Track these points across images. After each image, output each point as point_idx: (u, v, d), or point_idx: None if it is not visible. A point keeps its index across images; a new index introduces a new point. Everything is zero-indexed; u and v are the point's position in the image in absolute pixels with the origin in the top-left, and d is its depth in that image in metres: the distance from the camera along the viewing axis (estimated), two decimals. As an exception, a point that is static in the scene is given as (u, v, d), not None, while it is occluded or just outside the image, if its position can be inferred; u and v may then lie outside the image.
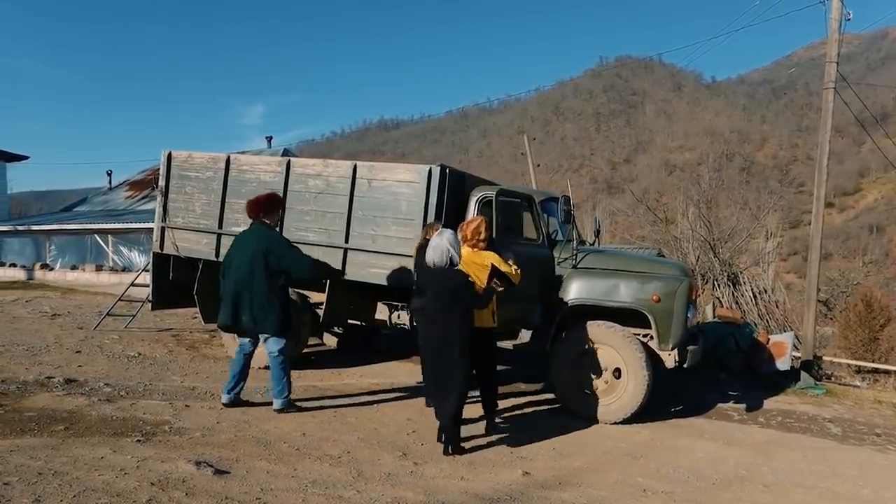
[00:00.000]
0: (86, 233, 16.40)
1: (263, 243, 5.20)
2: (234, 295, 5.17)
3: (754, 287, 10.84)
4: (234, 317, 5.20)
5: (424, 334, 4.79)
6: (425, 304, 4.75)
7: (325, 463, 4.20)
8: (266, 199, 5.51)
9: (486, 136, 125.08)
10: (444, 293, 4.64)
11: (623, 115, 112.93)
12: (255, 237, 5.28)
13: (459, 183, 6.63)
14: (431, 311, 4.69)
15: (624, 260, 6.34)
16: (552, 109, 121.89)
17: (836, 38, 9.38)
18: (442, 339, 4.62)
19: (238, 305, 5.17)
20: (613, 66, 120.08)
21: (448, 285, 4.66)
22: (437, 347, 4.65)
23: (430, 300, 4.70)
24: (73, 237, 16.33)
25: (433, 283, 4.72)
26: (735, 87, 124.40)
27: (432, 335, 4.69)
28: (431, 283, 4.73)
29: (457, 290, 4.66)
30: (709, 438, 5.67)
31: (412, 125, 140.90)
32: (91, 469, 3.53)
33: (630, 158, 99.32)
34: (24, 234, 17.29)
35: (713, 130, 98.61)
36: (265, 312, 5.17)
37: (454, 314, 4.60)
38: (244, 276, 5.14)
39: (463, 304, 4.66)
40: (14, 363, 6.22)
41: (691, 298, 5.84)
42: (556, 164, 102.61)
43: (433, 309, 4.68)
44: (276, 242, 5.30)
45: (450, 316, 4.60)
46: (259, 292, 5.14)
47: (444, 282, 4.66)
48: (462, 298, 4.66)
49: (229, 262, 5.34)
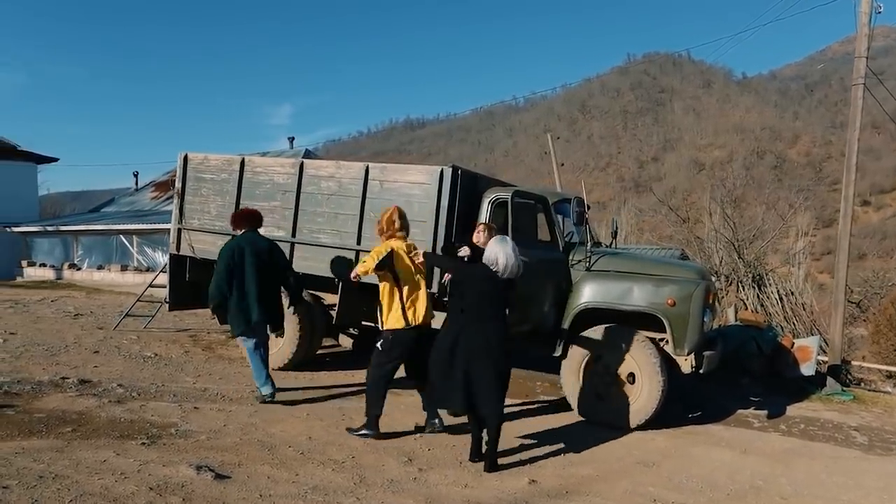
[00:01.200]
0: (111, 233, 16.68)
1: (271, 247, 5.89)
2: (259, 295, 5.58)
3: (780, 289, 10.54)
4: (267, 315, 5.69)
5: (462, 337, 4.47)
6: (467, 307, 4.52)
7: (328, 468, 4.16)
8: (255, 212, 6.15)
9: (511, 135, 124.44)
10: (493, 298, 4.47)
11: (651, 113, 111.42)
12: (263, 242, 5.85)
13: (472, 184, 6.56)
14: (476, 314, 4.48)
15: (639, 262, 6.21)
16: (578, 107, 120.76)
17: (866, 33, 9.09)
18: (485, 345, 4.41)
19: (263, 304, 5.60)
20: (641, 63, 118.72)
21: (498, 290, 4.47)
22: (477, 352, 4.41)
23: (475, 303, 4.49)
24: (99, 237, 16.63)
25: (480, 285, 4.49)
26: (767, 83, 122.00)
27: (473, 339, 4.43)
28: (478, 285, 4.50)
29: (505, 296, 4.53)
30: (726, 446, 5.51)
31: (438, 124, 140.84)
32: (92, 473, 3.54)
33: (658, 157, 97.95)
34: (53, 234, 17.64)
35: (744, 128, 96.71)
36: (276, 309, 5.84)
37: (500, 320, 4.49)
38: (265, 277, 5.65)
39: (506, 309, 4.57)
40: (32, 363, 6.32)
41: (708, 302, 5.68)
42: (582, 163, 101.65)
43: (478, 313, 4.47)
44: (277, 246, 6.01)
45: (497, 322, 4.47)
46: (274, 292, 5.80)
47: (495, 286, 4.45)
48: (509, 304, 4.59)
49: (243, 265, 5.60)
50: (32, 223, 17.37)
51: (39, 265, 17.26)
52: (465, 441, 5.01)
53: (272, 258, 5.80)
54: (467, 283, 4.58)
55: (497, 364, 4.44)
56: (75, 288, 14.10)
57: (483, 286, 4.49)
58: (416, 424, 5.25)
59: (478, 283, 4.51)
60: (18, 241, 17.87)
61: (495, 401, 4.47)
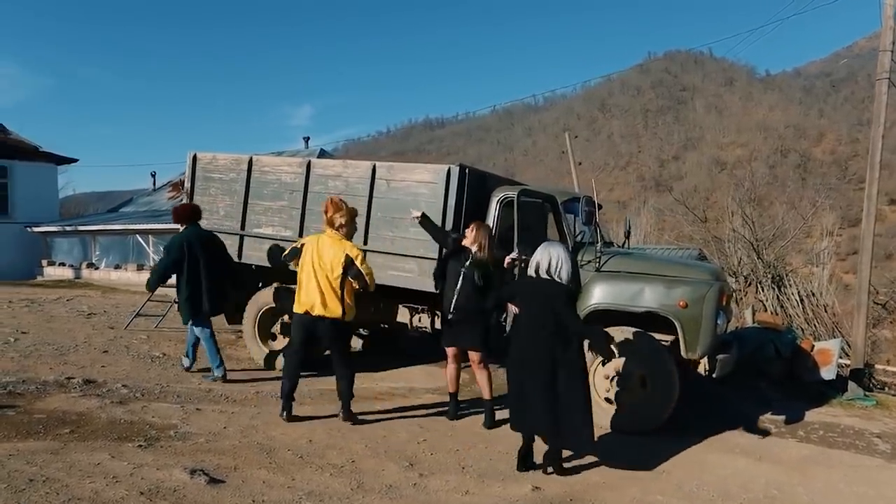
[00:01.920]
0: (128, 233, 16.85)
1: (213, 239, 6.46)
2: (211, 284, 6.17)
3: (801, 289, 10.27)
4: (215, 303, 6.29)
5: (518, 349, 4.36)
6: (520, 316, 4.41)
7: (326, 473, 4.08)
8: (196, 207, 6.68)
9: (531, 134, 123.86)
10: (542, 305, 4.27)
11: (672, 112, 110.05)
12: (206, 234, 6.43)
13: (480, 183, 6.46)
14: (527, 324, 4.33)
15: (650, 263, 6.04)
16: (598, 106, 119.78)
17: (891, 26, 8.79)
18: (539, 357, 4.24)
19: (210, 294, 6.19)
20: (662, 61, 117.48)
21: (547, 297, 4.27)
22: (531, 364, 4.27)
23: (526, 312, 4.37)
24: (116, 237, 16.80)
25: (529, 293, 4.36)
26: (791, 80, 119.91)
27: (527, 351, 4.29)
28: (527, 293, 4.38)
29: (556, 302, 4.25)
30: (740, 453, 5.33)
31: (457, 124, 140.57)
32: (84, 476, 3.49)
33: (679, 155, 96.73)
34: (71, 234, 17.85)
35: (767, 126, 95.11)
36: (223, 298, 6.42)
37: (553, 329, 4.23)
38: (214, 268, 6.23)
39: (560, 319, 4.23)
40: (40, 363, 6.33)
41: (722, 304, 5.50)
42: (602, 162, 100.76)
43: (529, 322, 4.31)
44: (217, 237, 6.58)
45: (549, 331, 4.23)
46: (219, 281, 6.34)
47: (543, 293, 4.29)
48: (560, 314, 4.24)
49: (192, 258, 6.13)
50: (52, 223, 17.60)
51: (59, 265, 17.48)
52: (467, 445, 4.92)
53: (216, 250, 6.37)
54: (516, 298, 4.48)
55: (549, 377, 4.21)
56: (92, 287, 14.22)
57: (527, 295, 4.39)
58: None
59: (525, 290, 4.43)
60: (39, 240, 18.13)
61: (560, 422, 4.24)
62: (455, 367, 5.58)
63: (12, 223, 18.00)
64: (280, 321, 7.18)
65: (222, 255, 6.48)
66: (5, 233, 17.70)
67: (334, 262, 4.96)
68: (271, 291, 7.20)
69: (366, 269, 5.00)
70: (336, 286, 5.01)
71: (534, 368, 4.25)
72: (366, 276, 4.97)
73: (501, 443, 5.08)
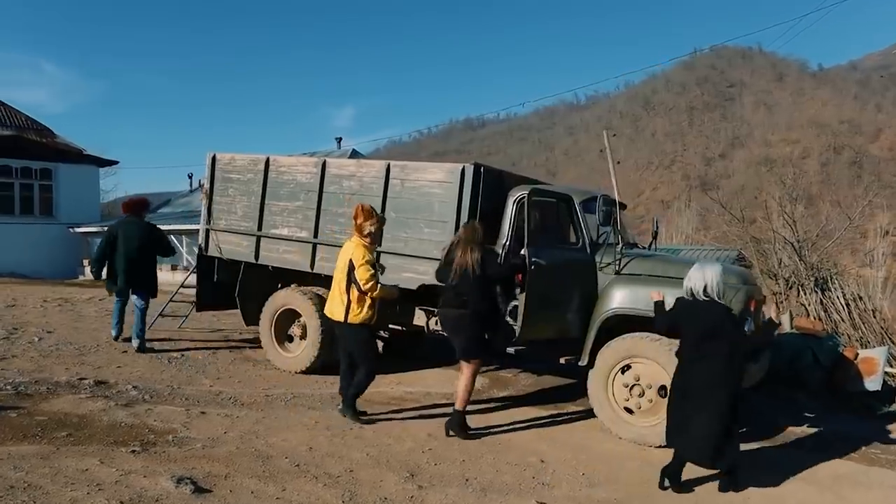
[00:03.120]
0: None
1: (144, 229, 7.50)
2: (125, 268, 7.27)
3: (847, 293, 9.70)
4: (129, 283, 7.33)
5: (681, 374, 4.34)
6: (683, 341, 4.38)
7: (320, 483, 3.93)
8: (138, 200, 8.03)
9: (572, 133, 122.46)
10: (705, 329, 4.22)
11: (718, 109, 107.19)
12: (141, 226, 7.52)
13: (497, 182, 6.24)
14: (691, 349, 4.29)
15: (673, 265, 5.72)
16: (642, 104, 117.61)
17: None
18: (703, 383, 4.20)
19: (126, 274, 7.27)
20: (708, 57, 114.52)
21: (710, 319, 4.22)
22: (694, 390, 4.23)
23: (688, 337, 4.32)
24: (151, 238, 17.13)
25: (692, 316, 4.30)
26: (845, 74, 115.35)
27: (693, 376, 4.25)
28: (691, 316, 4.31)
29: (719, 325, 4.21)
30: (764, 469, 4.97)
31: (497, 123, 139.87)
32: (67, 483, 3.42)
33: (725, 153, 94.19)
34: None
35: (819, 122, 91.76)
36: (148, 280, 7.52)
37: (718, 354, 4.18)
38: (134, 253, 7.27)
39: (727, 341, 4.19)
40: (58, 363, 6.38)
41: (749, 310, 5.16)
42: (646, 161, 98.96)
43: (692, 347, 4.28)
44: (152, 229, 7.68)
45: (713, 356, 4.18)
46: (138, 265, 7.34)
47: (705, 316, 4.24)
48: (727, 335, 4.21)
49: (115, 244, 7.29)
50: (94, 223, 18.08)
51: (99, 264, 17.91)
52: (474, 455, 4.72)
53: (143, 239, 7.35)
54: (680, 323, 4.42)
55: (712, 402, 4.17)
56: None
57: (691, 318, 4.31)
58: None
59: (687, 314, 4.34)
60: (80, 241, 18.65)
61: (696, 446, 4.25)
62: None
63: (56, 224, 18.59)
64: (296, 323, 7.10)
65: (149, 243, 7.48)
66: (49, 233, 18.27)
67: (342, 266, 5.09)
68: (288, 293, 7.13)
69: (360, 274, 4.94)
70: (342, 289, 5.10)
71: (698, 395, 4.22)
72: (359, 281, 4.96)
73: (512, 453, 4.88)
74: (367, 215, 5.09)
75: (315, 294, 6.99)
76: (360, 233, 5.09)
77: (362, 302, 5.06)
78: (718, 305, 4.25)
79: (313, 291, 7.04)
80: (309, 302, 6.87)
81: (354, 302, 5.05)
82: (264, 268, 7.30)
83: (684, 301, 4.38)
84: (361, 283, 4.94)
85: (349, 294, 5.05)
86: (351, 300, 5.05)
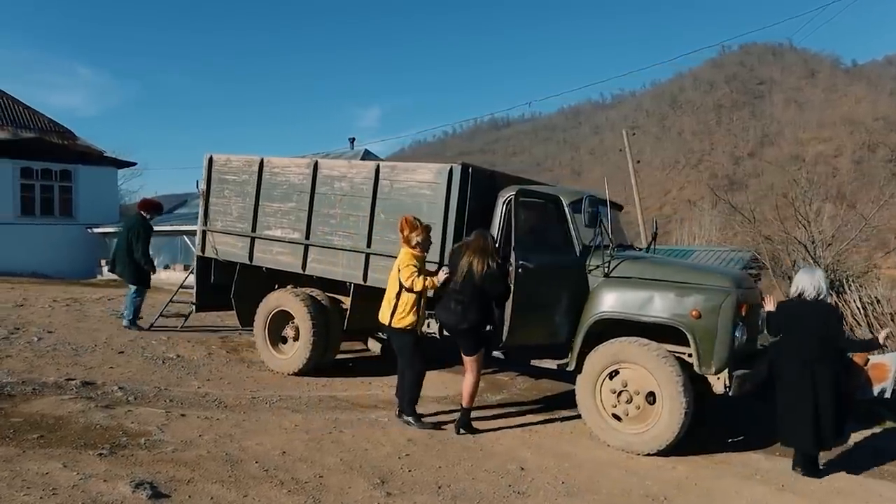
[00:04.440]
0: (176, 234, 17.36)
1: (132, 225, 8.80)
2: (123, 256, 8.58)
3: (863, 296, 9.37)
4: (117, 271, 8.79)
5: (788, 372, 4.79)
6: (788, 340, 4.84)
7: (285, 489, 3.87)
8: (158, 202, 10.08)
9: (598, 133, 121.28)
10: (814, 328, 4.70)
11: (747, 107, 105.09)
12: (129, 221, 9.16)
13: (488, 183, 6.13)
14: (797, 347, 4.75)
15: (664, 268, 5.54)
16: (669, 102, 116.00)
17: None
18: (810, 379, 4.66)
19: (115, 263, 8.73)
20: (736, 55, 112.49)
21: (819, 320, 4.71)
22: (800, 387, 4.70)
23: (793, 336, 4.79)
24: (165, 238, 17.29)
25: (798, 316, 4.79)
26: (881, 69, 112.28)
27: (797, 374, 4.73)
28: (796, 316, 4.80)
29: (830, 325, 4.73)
30: (760, 480, 4.78)
31: (522, 123, 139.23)
32: (23, 487, 3.40)
33: (754, 152, 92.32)
34: (126, 235, 18.59)
35: (853, 119, 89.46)
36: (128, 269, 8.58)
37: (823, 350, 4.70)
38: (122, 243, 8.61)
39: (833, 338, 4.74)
40: (51, 363, 6.42)
41: (740, 315, 4.97)
42: (672, 160, 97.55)
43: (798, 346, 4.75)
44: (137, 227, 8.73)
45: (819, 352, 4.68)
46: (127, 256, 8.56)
47: (814, 317, 4.73)
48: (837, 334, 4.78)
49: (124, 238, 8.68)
50: (111, 224, 18.35)
51: (116, 264, 18.21)
52: (452, 461, 4.62)
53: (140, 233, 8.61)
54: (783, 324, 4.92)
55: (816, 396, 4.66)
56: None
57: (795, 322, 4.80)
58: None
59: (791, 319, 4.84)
60: (98, 241, 18.93)
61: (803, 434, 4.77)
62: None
63: (76, 224, 18.92)
64: (289, 324, 7.06)
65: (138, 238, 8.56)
66: (69, 234, 18.60)
67: (393, 274, 5.31)
68: (281, 294, 7.11)
69: (402, 275, 5.18)
70: (392, 295, 5.30)
71: (803, 392, 4.68)
72: (403, 283, 5.19)
73: (492, 459, 4.76)
74: (412, 227, 5.24)
75: (308, 295, 6.95)
76: (409, 244, 5.27)
77: (407, 308, 5.22)
78: (826, 306, 4.83)
79: (306, 293, 7.00)
80: (301, 304, 6.83)
81: (401, 307, 5.21)
82: (259, 269, 7.28)
83: (788, 302, 4.95)
84: (403, 282, 5.15)
85: (397, 300, 5.22)
86: (398, 305, 5.21)
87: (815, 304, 4.74)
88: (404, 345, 5.36)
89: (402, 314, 5.22)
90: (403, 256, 5.25)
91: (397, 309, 5.22)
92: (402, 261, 5.23)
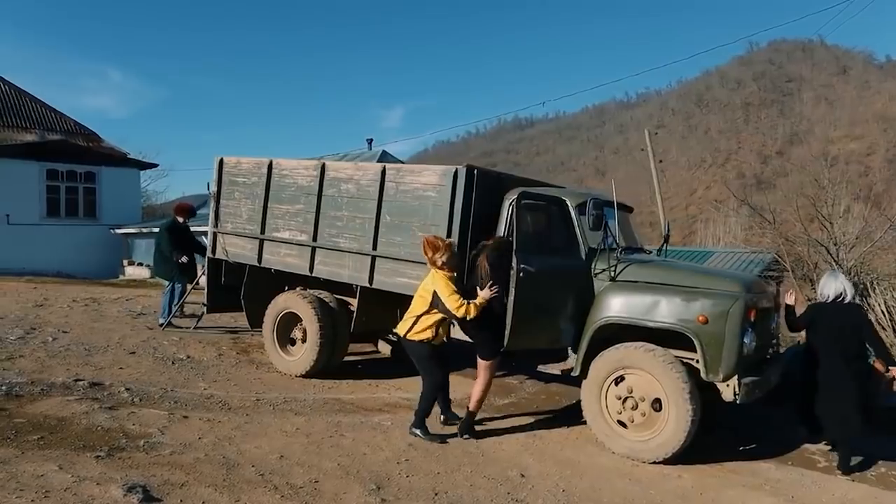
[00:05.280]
0: (195, 234, 17.54)
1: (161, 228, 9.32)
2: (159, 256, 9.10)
3: (889, 299, 9.08)
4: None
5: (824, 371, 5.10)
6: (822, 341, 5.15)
7: (278, 494, 3.84)
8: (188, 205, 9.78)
9: (622, 132, 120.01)
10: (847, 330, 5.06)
11: (776, 105, 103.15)
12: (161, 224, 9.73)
13: (494, 185, 6.05)
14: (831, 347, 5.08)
15: (671, 272, 5.41)
16: (695, 101, 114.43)
17: None
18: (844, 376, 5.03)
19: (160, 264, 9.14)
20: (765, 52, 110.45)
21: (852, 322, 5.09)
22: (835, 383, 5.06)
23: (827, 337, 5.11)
24: (185, 237, 17.54)
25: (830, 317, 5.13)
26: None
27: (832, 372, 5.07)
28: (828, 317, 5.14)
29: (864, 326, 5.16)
30: (769, 491, 4.64)
31: (546, 122, 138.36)
32: (17, 489, 3.43)
33: (783, 151, 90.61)
34: (148, 235, 18.81)
35: (887, 116, 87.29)
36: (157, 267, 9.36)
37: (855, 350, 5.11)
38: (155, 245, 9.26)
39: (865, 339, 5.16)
40: (62, 364, 6.50)
41: (749, 320, 4.83)
42: (698, 159, 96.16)
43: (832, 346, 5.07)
44: (163, 229, 9.18)
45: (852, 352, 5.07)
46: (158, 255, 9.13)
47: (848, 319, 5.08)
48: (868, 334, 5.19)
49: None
50: (132, 224, 18.66)
51: (137, 264, 18.50)
52: (452, 467, 4.56)
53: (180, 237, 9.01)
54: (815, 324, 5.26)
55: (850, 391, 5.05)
56: (157, 287, 14.81)
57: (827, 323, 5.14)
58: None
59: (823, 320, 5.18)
60: (121, 241, 19.27)
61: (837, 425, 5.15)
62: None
63: (99, 225, 19.27)
64: (297, 326, 7.06)
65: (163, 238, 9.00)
66: (93, 234, 18.95)
67: (421, 292, 5.14)
68: (289, 296, 7.11)
69: (450, 305, 4.92)
70: (415, 310, 5.15)
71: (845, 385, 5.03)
72: (453, 312, 4.95)
73: (493, 466, 4.69)
74: (434, 247, 5.03)
75: (316, 298, 6.94)
76: (434, 265, 5.04)
77: (426, 325, 5.09)
78: (858, 308, 5.27)
79: (314, 295, 6.99)
80: (309, 305, 6.83)
81: (420, 324, 5.08)
82: (268, 270, 7.30)
83: (818, 305, 5.28)
84: (454, 312, 4.89)
85: (420, 316, 5.07)
86: (419, 322, 5.08)
87: (850, 306, 5.13)
88: (420, 357, 5.23)
89: (419, 330, 5.10)
90: (438, 282, 4.96)
91: (417, 325, 5.10)
92: (439, 288, 4.94)
